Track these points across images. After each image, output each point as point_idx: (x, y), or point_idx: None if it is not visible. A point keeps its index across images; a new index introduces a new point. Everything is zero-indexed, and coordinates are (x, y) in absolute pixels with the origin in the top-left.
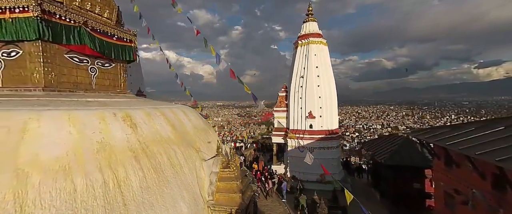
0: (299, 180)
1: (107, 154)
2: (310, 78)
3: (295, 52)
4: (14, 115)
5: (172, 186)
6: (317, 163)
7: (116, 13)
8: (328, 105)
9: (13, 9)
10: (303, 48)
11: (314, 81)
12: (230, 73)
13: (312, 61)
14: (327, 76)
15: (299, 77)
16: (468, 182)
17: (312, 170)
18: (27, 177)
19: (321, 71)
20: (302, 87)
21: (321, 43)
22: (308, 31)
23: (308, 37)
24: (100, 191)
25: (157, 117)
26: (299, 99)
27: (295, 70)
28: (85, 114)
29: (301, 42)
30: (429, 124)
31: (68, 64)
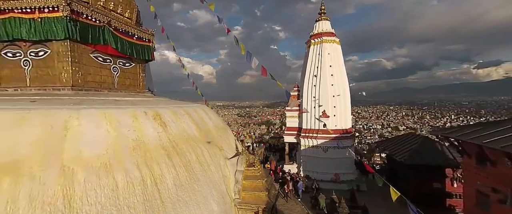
0: (315, 180)
1: (143, 151)
2: (323, 77)
3: (308, 51)
4: (56, 113)
5: (202, 184)
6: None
7: (136, 13)
8: (342, 104)
9: (42, 9)
10: (316, 47)
11: (328, 80)
12: (262, 71)
13: (326, 60)
14: (341, 75)
15: (312, 76)
16: (507, 180)
17: (326, 170)
18: (73, 173)
19: (335, 70)
20: (316, 86)
21: (334, 42)
22: (321, 30)
23: (322, 36)
24: (139, 188)
25: (182, 116)
26: (312, 98)
27: (308, 69)
28: (119, 112)
29: (314, 41)
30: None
31: (93, 64)
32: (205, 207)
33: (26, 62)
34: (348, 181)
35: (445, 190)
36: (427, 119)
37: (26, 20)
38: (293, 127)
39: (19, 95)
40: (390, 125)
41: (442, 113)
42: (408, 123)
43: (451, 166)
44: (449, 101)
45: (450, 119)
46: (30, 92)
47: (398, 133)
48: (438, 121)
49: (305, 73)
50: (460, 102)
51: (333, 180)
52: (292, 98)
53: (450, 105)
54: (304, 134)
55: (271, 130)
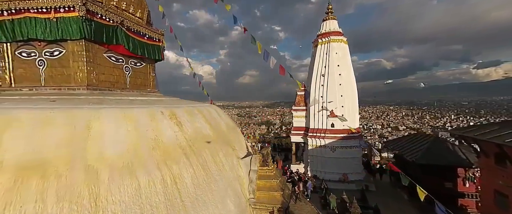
0: (323, 180)
1: (162, 151)
2: (331, 77)
3: (315, 50)
4: (78, 113)
5: (219, 183)
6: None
7: (146, 12)
8: (350, 104)
9: (58, 8)
10: (324, 47)
11: (336, 80)
12: (279, 70)
13: (334, 59)
14: (348, 75)
15: (320, 75)
16: None
17: (334, 169)
18: (97, 173)
19: (343, 70)
20: (323, 86)
21: (342, 41)
22: (329, 29)
23: (329, 36)
24: (160, 187)
25: (196, 115)
26: (320, 98)
27: (316, 69)
28: (137, 112)
29: (321, 41)
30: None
31: (107, 64)
32: (222, 206)
33: (41, 62)
34: (356, 181)
35: (456, 190)
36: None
37: (42, 20)
38: (300, 127)
39: (35, 95)
40: (390, 125)
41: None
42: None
43: (463, 165)
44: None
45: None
46: (46, 92)
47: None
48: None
49: (313, 73)
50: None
51: (341, 180)
52: (299, 98)
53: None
54: (312, 133)
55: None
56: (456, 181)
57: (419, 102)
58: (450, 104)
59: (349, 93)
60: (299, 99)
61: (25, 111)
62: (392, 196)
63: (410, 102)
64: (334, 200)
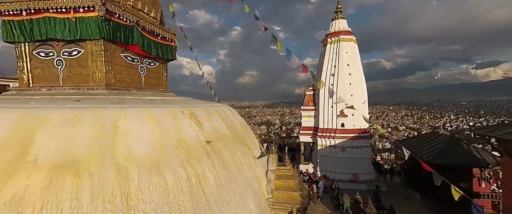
0: (334, 180)
1: (185, 150)
2: (341, 76)
3: (324, 50)
4: (104, 112)
5: (239, 183)
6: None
7: (160, 12)
8: (360, 103)
9: (77, 8)
10: (333, 46)
11: (346, 79)
12: (303, 68)
13: (344, 59)
14: (358, 74)
15: (329, 75)
16: None
17: (344, 169)
18: (127, 172)
19: (353, 69)
20: (333, 85)
21: (351, 40)
22: (338, 29)
23: (339, 35)
24: (186, 186)
25: (213, 115)
26: (329, 98)
27: (325, 69)
28: (160, 111)
29: (330, 40)
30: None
31: (123, 64)
32: (244, 206)
33: (59, 62)
34: (367, 181)
35: (472, 190)
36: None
37: (61, 20)
38: (309, 127)
39: (55, 94)
40: (390, 125)
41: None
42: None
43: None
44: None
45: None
46: (65, 92)
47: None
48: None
49: (322, 72)
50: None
51: (351, 180)
52: (307, 98)
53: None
54: (321, 133)
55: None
56: (471, 181)
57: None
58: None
59: (359, 93)
60: (308, 99)
61: (54, 110)
62: (404, 197)
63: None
64: (348, 200)
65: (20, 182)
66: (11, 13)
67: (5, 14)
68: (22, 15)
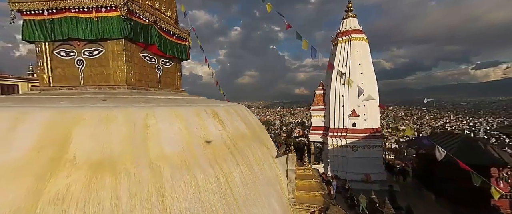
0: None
1: (211, 149)
2: (353, 75)
3: (334, 49)
4: (135, 112)
5: (262, 182)
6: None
7: (175, 12)
8: (372, 103)
9: (100, 8)
10: (344, 45)
11: (358, 78)
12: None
13: (355, 58)
14: (370, 74)
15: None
16: None
17: (356, 169)
18: (161, 170)
19: (364, 68)
20: (344, 84)
21: (363, 39)
22: (349, 28)
23: (350, 34)
24: (215, 185)
25: (233, 114)
26: (341, 97)
27: (336, 67)
28: (185, 110)
29: (341, 39)
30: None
31: (142, 63)
32: (269, 206)
33: (79, 61)
34: (379, 181)
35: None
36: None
37: (83, 19)
38: (319, 126)
39: (78, 94)
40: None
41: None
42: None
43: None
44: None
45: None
46: (87, 91)
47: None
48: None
49: (332, 72)
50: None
51: (363, 180)
52: (317, 97)
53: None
54: (332, 133)
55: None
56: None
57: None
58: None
59: (371, 92)
60: (318, 99)
61: (88, 110)
62: (419, 197)
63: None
64: (364, 200)
65: (61, 181)
66: (32, 13)
67: (26, 14)
68: (43, 14)
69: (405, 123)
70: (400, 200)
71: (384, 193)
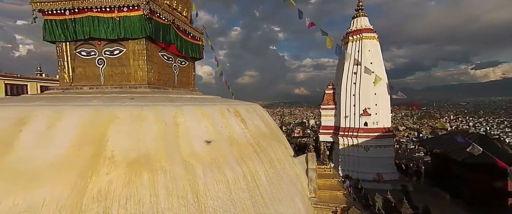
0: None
1: (237, 148)
2: (365, 75)
3: (345, 48)
4: (164, 110)
5: (285, 181)
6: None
7: (190, 11)
8: (383, 102)
9: (122, 7)
10: (355, 44)
11: (369, 77)
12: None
13: (367, 57)
14: (381, 73)
15: (351, 73)
16: None
17: (368, 169)
18: (194, 168)
19: (376, 67)
20: (356, 84)
21: (374, 38)
22: (360, 27)
23: (361, 33)
24: (244, 184)
25: (252, 113)
26: (352, 96)
27: (346, 67)
28: (210, 109)
29: (352, 38)
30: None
31: (161, 62)
32: (293, 205)
33: (100, 61)
34: (392, 181)
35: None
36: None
37: (105, 19)
38: (329, 126)
39: (101, 93)
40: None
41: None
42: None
43: None
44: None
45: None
46: (108, 90)
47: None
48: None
49: (343, 71)
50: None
51: (375, 179)
52: (327, 97)
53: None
54: (343, 132)
55: None
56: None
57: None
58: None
59: (383, 91)
60: (328, 98)
61: (120, 108)
62: (433, 197)
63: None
64: (381, 200)
65: (103, 178)
66: (54, 13)
67: (47, 14)
68: (65, 14)
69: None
70: (415, 200)
71: (398, 193)
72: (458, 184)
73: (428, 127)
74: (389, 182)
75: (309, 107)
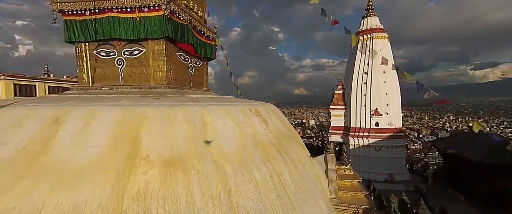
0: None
1: (261, 148)
2: (376, 74)
3: (355, 48)
4: (192, 110)
5: (308, 181)
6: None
7: (204, 11)
8: (395, 102)
9: (142, 8)
10: (366, 44)
11: (380, 77)
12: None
13: (378, 56)
14: (392, 72)
15: (362, 73)
16: None
17: (379, 170)
18: (224, 169)
19: (387, 67)
20: (366, 84)
21: (384, 38)
22: (370, 26)
23: (372, 32)
24: (271, 184)
25: (270, 113)
26: (363, 96)
27: (357, 67)
28: (233, 108)
29: (362, 38)
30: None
31: (178, 63)
32: (317, 205)
33: (119, 61)
34: (404, 182)
35: None
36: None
37: (125, 19)
38: (339, 126)
39: (120, 93)
40: None
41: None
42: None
43: None
44: None
45: (449, 119)
46: (128, 91)
47: None
48: (437, 122)
49: (353, 71)
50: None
51: (387, 180)
52: (336, 97)
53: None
54: (353, 133)
55: None
56: None
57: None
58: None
59: (394, 91)
60: (337, 98)
61: (150, 108)
62: (448, 197)
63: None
64: (396, 201)
65: (140, 178)
66: (74, 13)
67: (68, 14)
68: (85, 15)
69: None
70: (430, 201)
71: (411, 193)
72: (473, 185)
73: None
74: (401, 182)
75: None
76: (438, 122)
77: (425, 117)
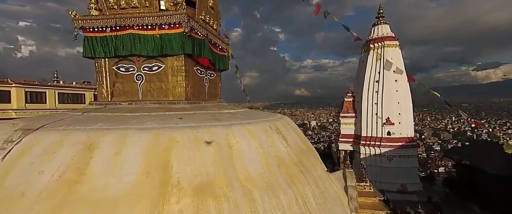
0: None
1: (285, 169)
2: (387, 83)
3: (365, 56)
4: (216, 131)
5: (330, 202)
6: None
7: (219, 25)
8: (407, 110)
9: (163, 25)
10: (377, 52)
11: (392, 86)
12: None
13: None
14: (404, 81)
15: (373, 82)
16: None
17: (392, 179)
18: (252, 194)
19: (399, 75)
20: (378, 92)
21: (396, 46)
22: (381, 34)
23: (383, 40)
24: (297, 208)
25: (288, 128)
26: (374, 105)
27: (368, 75)
28: (254, 127)
29: (373, 46)
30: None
31: (195, 77)
32: None
33: (139, 76)
34: (417, 192)
35: None
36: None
37: (146, 36)
38: (349, 134)
39: (139, 109)
40: None
41: (443, 115)
42: None
43: None
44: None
45: (451, 120)
46: (148, 106)
47: None
48: (439, 123)
49: (364, 79)
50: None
51: (400, 190)
52: (347, 104)
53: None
54: (364, 141)
55: None
56: None
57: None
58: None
59: (406, 100)
60: (347, 106)
61: (178, 131)
62: (463, 208)
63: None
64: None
65: (173, 207)
66: (95, 30)
67: (89, 31)
68: (106, 31)
69: None
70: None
71: (426, 205)
72: (489, 196)
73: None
74: (414, 193)
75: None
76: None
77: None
